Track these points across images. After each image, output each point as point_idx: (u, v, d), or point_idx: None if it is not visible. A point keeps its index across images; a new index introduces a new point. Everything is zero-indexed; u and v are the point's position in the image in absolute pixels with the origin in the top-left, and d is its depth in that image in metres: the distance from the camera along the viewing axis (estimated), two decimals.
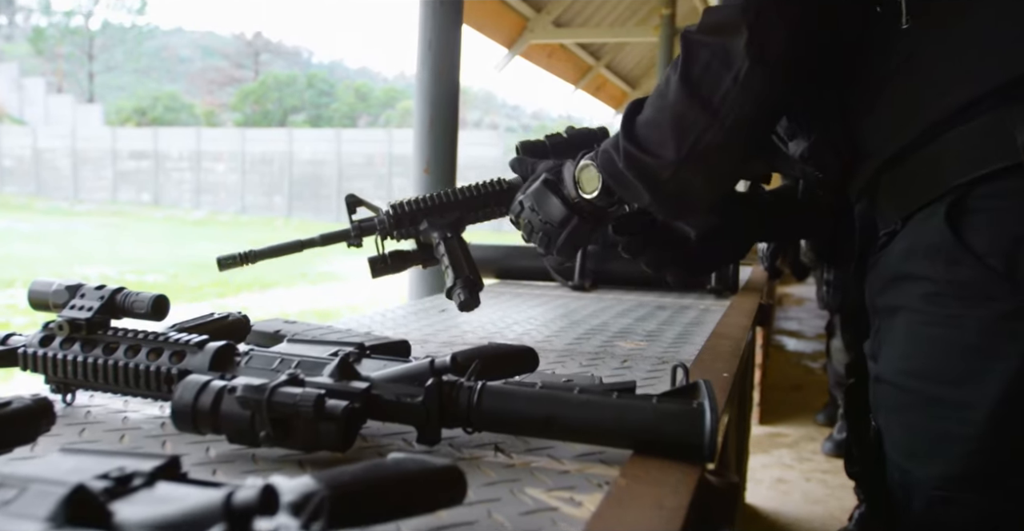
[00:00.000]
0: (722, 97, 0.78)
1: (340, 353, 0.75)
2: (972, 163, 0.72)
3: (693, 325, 1.42)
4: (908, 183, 0.79)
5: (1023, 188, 0.70)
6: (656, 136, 0.84)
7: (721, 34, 0.78)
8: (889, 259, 0.82)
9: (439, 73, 1.95)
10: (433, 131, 1.95)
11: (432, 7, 1.93)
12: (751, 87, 0.77)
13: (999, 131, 0.71)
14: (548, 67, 6.39)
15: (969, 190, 0.72)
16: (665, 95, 0.83)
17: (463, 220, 1.15)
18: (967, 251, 0.71)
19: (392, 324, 1.39)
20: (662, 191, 0.86)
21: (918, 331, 0.76)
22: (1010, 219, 0.70)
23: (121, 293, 0.79)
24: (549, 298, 1.79)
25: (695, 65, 0.80)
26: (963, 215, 0.72)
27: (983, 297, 0.71)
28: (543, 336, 1.28)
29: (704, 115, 0.80)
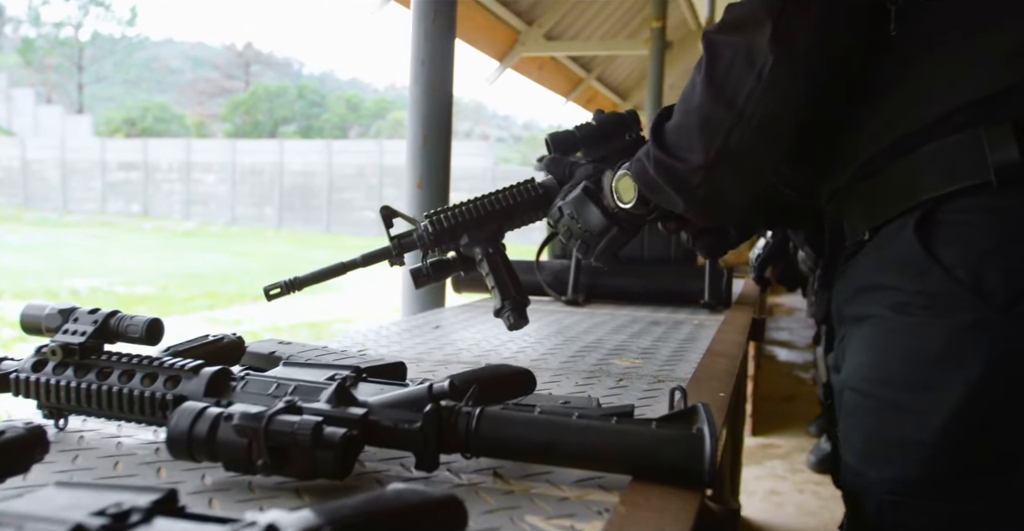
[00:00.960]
0: (747, 95, 0.78)
1: (337, 377, 0.75)
2: (945, 178, 0.74)
3: (688, 341, 1.42)
4: (879, 194, 0.81)
5: (992, 205, 0.71)
6: (684, 141, 0.85)
7: (743, 31, 0.77)
8: (857, 269, 0.83)
9: (432, 89, 1.95)
10: (426, 147, 1.95)
11: (425, 24, 1.94)
12: (776, 84, 0.77)
13: (973, 148, 0.72)
14: (539, 80, 6.41)
15: (939, 204, 0.74)
16: (690, 99, 0.83)
17: (502, 229, 1.15)
18: (936, 263, 0.73)
19: (386, 342, 1.38)
20: (694, 196, 0.87)
21: (883, 339, 0.78)
22: (978, 234, 0.72)
23: (115, 317, 0.79)
24: (543, 313, 1.78)
25: (718, 64, 0.79)
26: (933, 228, 0.74)
27: (949, 308, 0.72)
28: (538, 354, 1.28)
29: (730, 115, 0.79)
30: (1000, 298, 0.69)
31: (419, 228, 1.14)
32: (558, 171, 1.12)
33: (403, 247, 1.14)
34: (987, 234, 0.71)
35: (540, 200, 1.13)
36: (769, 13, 0.75)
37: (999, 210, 0.71)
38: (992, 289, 0.70)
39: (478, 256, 1.13)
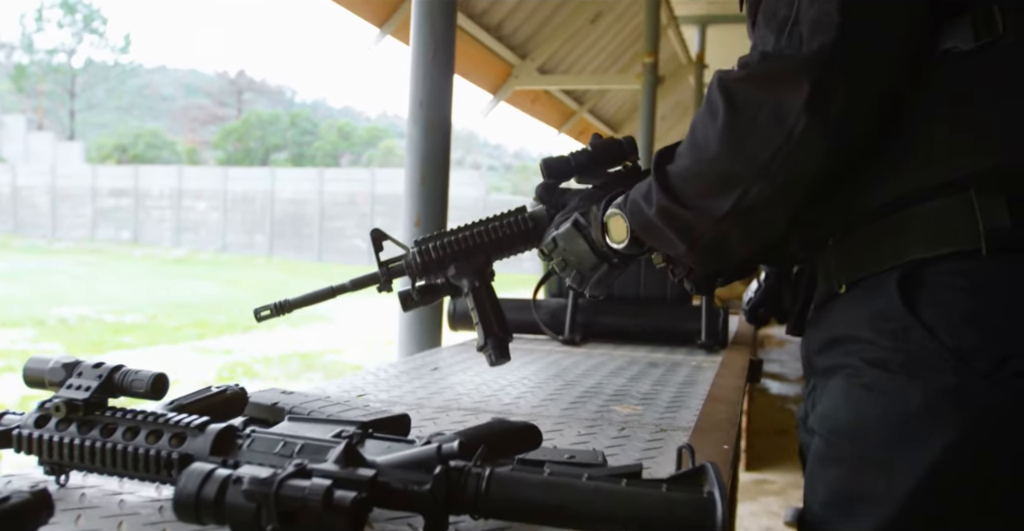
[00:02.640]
0: (772, 154, 0.74)
1: (343, 434, 0.74)
2: (933, 241, 0.73)
3: (687, 385, 1.42)
4: (861, 249, 0.80)
5: (979, 270, 0.71)
6: (694, 190, 0.82)
7: (776, 87, 0.73)
8: (831, 320, 0.83)
9: (430, 129, 1.97)
10: (424, 186, 1.96)
11: (423, 64, 1.96)
12: (808, 145, 0.73)
13: (964, 214, 0.72)
14: (532, 112, 6.48)
15: (925, 265, 0.74)
16: (703, 147, 0.79)
17: (491, 261, 1.14)
18: (919, 323, 0.72)
19: (386, 386, 1.38)
20: (697, 244, 0.84)
21: (858, 392, 0.77)
22: (963, 298, 0.71)
23: (119, 372, 0.78)
24: (540, 354, 1.78)
25: (741, 118, 0.75)
26: (917, 288, 0.74)
27: (929, 369, 0.72)
28: (538, 400, 1.27)
29: (751, 172, 0.76)
30: (983, 364, 0.69)
31: (408, 255, 1.14)
32: (550, 200, 1.10)
33: (391, 274, 1.14)
34: (972, 298, 0.71)
35: (530, 232, 1.12)
36: (809, 73, 0.71)
37: (985, 276, 0.71)
38: (974, 354, 0.70)
39: (465, 288, 1.12)
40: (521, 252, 1.16)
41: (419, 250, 1.12)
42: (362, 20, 3.96)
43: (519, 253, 1.17)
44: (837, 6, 0.71)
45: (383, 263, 1.13)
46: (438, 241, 1.12)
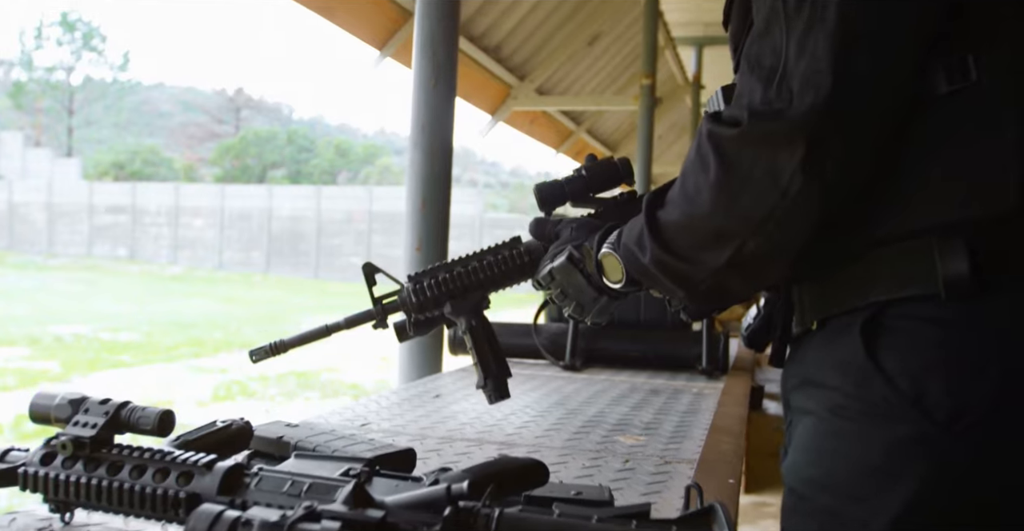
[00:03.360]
0: (768, 213, 0.72)
1: (351, 472, 0.74)
2: (894, 284, 0.72)
3: (689, 414, 1.42)
4: (830, 288, 0.79)
5: (938, 316, 0.70)
6: (688, 242, 0.80)
7: (769, 147, 0.71)
8: (804, 358, 0.82)
9: (432, 154, 1.97)
10: (425, 211, 1.97)
11: (426, 91, 1.97)
12: (804, 205, 0.71)
13: (924, 258, 0.71)
14: (530, 133, 6.51)
15: (886, 308, 0.73)
16: (695, 201, 0.77)
17: (486, 296, 1.13)
18: (879, 370, 0.71)
19: (388, 414, 1.37)
20: (695, 291, 0.83)
21: (823, 442, 0.76)
22: (923, 345, 0.70)
23: (126, 408, 0.78)
24: (542, 380, 1.78)
25: (734, 175, 0.73)
26: (878, 333, 0.73)
27: (889, 418, 0.71)
28: (542, 430, 1.27)
29: (746, 229, 0.74)
30: (942, 414, 0.68)
31: (403, 292, 1.13)
32: (543, 234, 1.09)
33: (386, 311, 1.13)
34: (932, 346, 0.70)
35: (526, 266, 1.11)
36: (802, 134, 0.69)
37: (945, 322, 0.70)
38: (934, 404, 0.69)
39: (462, 326, 1.12)
40: (517, 284, 1.16)
41: (414, 288, 1.10)
42: (362, 42, 3.98)
43: (514, 285, 1.16)
44: (828, 62, 0.68)
45: (377, 300, 1.12)
46: (433, 278, 1.10)
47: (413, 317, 1.12)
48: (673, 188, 0.82)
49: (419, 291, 1.10)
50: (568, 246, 1.01)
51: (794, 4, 0.70)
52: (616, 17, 5.94)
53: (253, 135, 42.93)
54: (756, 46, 0.74)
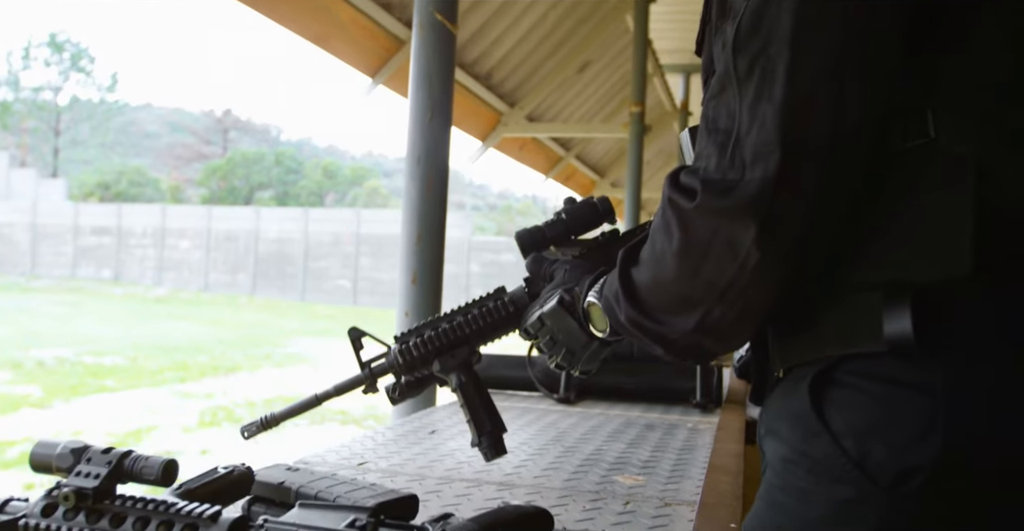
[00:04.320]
0: (729, 284, 0.72)
1: (357, 523, 0.74)
2: (844, 339, 0.71)
3: (686, 451, 1.42)
4: (791, 337, 0.78)
5: (886, 374, 0.68)
6: (659, 304, 0.80)
7: (724, 218, 0.70)
8: (770, 407, 0.82)
9: (427, 187, 1.98)
10: (420, 244, 1.97)
11: (421, 124, 1.99)
12: (764, 276, 0.71)
13: (871, 313, 0.69)
14: (520, 158, 6.55)
15: (839, 363, 0.71)
16: (661, 265, 0.77)
17: (474, 351, 1.13)
18: (824, 427, 0.70)
19: (384, 452, 1.37)
20: (672, 348, 0.82)
21: (775, 494, 0.76)
22: (868, 403, 0.69)
23: (129, 457, 0.77)
24: (537, 414, 1.78)
25: (694, 243, 0.72)
26: (827, 388, 0.72)
27: (833, 478, 0.69)
28: (540, 469, 1.27)
29: (710, 297, 0.74)
30: (886, 477, 0.67)
31: (390, 354, 1.11)
32: (539, 272, 1.08)
33: (375, 375, 1.12)
34: (878, 405, 0.68)
35: (511, 317, 1.10)
36: (755, 211, 0.68)
37: (892, 381, 0.68)
38: (877, 465, 0.67)
39: (452, 383, 1.11)
40: (505, 336, 1.15)
41: (401, 349, 1.09)
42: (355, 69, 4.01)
43: (502, 337, 1.15)
44: (777, 136, 0.66)
45: (365, 364, 1.11)
46: (419, 337, 1.09)
47: (403, 378, 1.12)
48: (645, 247, 0.82)
49: (406, 351, 1.08)
50: (559, 290, 1.00)
51: (744, 69, 0.69)
52: (605, 45, 6.01)
53: (240, 156, 42.91)
54: (713, 105, 0.73)
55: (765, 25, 0.68)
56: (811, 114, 0.67)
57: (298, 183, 43.48)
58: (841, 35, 0.66)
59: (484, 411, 1.08)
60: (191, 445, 6.00)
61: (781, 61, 0.67)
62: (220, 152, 49.13)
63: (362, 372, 1.10)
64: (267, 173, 42.54)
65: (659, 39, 6.67)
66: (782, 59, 0.67)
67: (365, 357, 1.11)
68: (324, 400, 1.10)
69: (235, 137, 53.81)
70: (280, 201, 40.14)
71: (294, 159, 45.80)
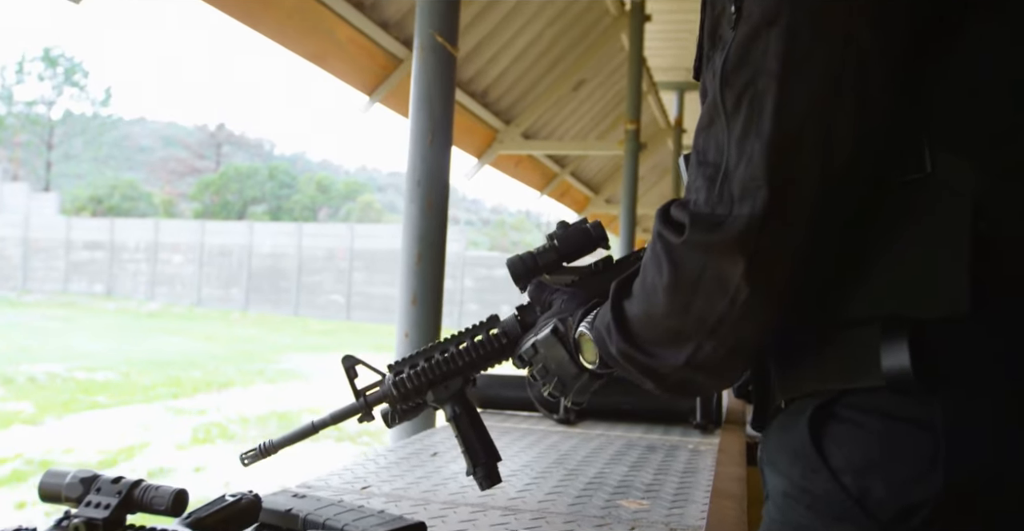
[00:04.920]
0: (719, 319, 0.71)
1: None
2: (843, 373, 0.71)
3: (689, 474, 1.42)
4: (790, 367, 0.77)
5: (886, 409, 0.68)
6: (651, 338, 0.79)
7: (714, 255, 0.69)
8: (770, 438, 0.81)
9: (428, 208, 1.99)
10: (420, 265, 1.98)
11: (422, 145, 2.00)
12: (754, 311, 0.70)
13: (869, 347, 0.69)
14: (515, 175, 6.56)
15: (839, 397, 0.71)
16: (652, 299, 0.77)
17: (468, 380, 1.13)
18: (824, 463, 0.70)
19: (387, 475, 1.37)
20: (663, 383, 0.81)
21: (774, 529, 0.75)
22: (867, 439, 0.68)
23: (139, 487, 0.78)
24: (538, 435, 1.78)
25: (683, 278, 0.72)
26: (826, 422, 0.71)
27: (832, 515, 0.68)
28: (543, 493, 1.27)
29: (700, 332, 0.73)
30: (886, 514, 0.66)
31: (385, 384, 1.11)
32: (540, 299, 1.07)
33: (370, 404, 1.13)
34: (878, 440, 0.68)
35: (504, 348, 1.10)
36: (743, 249, 0.67)
37: (892, 416, 0.67)
38: (877, 503, 0.66)
39: (447, 414, 1.12)
40: (498, 364, 1.15)
41: (395, 381, 1.10)
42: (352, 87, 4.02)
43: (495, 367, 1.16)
44: (764, 173, 0.66)
45: (360, 392, 1.11)
46: (413, 368, 1.10)
47: (398, 406, 1.12)
48: (637, 280, 0.81)
49: (400, 383, 1.09)
50: (554, 319, 0.99)
51: (732, 103, 0.68)
52: (600, 63, 6.05)
53: (234, 170, 42.87)
54: (702, 138, 0.72)
55: (753, 59, 0.67)
56: (799, 151, 0.66)
57: (292, 197, 43.46)
58: (830, 71, 0.65)
59: (478, 442, 1.09)
60: (184, 462, 5.96)
61: (769, 96, 0.66)
62: (213, 166, 49.10)
63: (357, 401, 1.11)
64: (260, 187, 42.51)
65: (653, 56, 6.73)
66: (770, 94, 0.66)
67: (360, 384, 1.12)
68: (320, 428, 1.11)
69: (228, 151, 53.81)
70: (273, 216, 40.11)
71: (288, 173, 45.79)
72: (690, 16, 6.15)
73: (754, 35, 0.67)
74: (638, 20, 5.03)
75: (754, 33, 0.67)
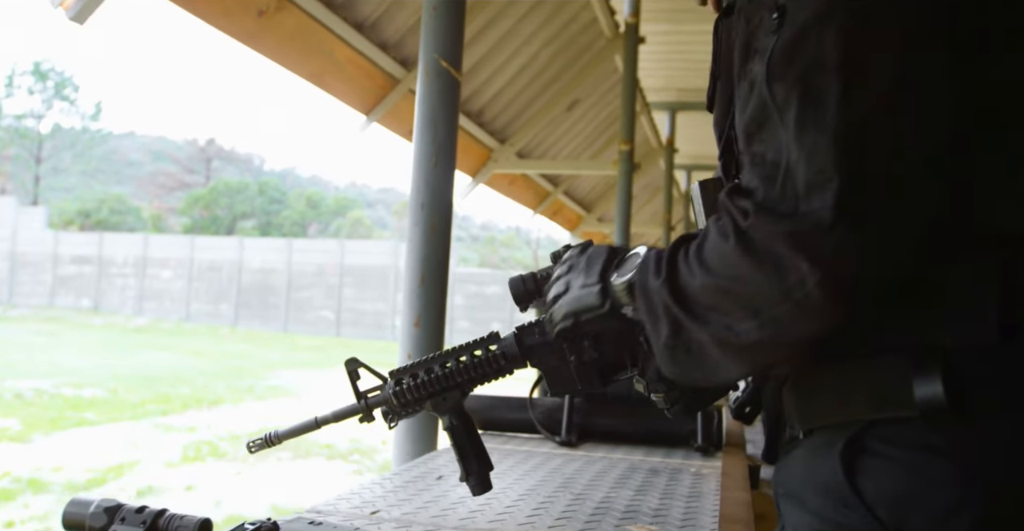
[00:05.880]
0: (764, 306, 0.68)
1: None
2: (873, 403, 0.70)
3: (694, 499, 1.43)
4: (813, 397, 0.76)
5: (919, 441, 0.68)
6: (693, 291, 0.73)
7: (776, 243, 0.66)
8: (791, 468, 0.80)
9: (431, 231, 2.01)
10: (424, 287, 1.99)
11: (426, 169, 2.02)
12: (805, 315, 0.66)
13: (900, 376, 0.68)
14: (509, 193, 6.60)
15: (869, 428, 0.70)
16: (712, 258, 0.72)
17: (466, 394, 1.15)
18: (857, 497, 0.69)
19: (395, 499, 1.37)
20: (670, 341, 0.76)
21: None
22: (901, 472, 0.68)
23: (163, 517, 0.78)
24: (541, 458, 1.78)
25: (748, 257, 0.68)
26: (858, 455, 0.70)
27: None
28: (552, 519, 1.27)
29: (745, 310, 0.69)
30: None
31: (386, 390, 1.14)
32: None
33: (371, 407, 1.15)
34: (912, 473, 0.67)
35: (503, 368, 1.12)
36: (807, 247, 0.64)
37: (926, 447, 0.67)
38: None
39: (443, 423, 1.14)
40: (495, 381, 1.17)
41: (395, 390, 1.12)
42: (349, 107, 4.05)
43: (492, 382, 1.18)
44: (833, 162, 0.63)
45: (361, 394, 1.13)
46: (413, 378, 1.12)
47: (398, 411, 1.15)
48: (696, 241, 0.75)
49: (399, 394, 1.12)
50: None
51: (783, 96, 0.67)
52: (594, 84, 6.11)
53: (224, 185, 42.80)
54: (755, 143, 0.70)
55: (805, 53, 0.66)
56: (868, 143, 0.64)
57: (281, 213, 43.40)
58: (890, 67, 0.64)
59: (472, 452, 1.13)
60: (175, 481, 5.90)
61: (831, 90, 0.64)
62: (203, 181, 49.01)
63: (358, 403, 1.14)
64: (250, 203, 42.44)
65: (645, 77, 6.80)
66: (831, 88, 0.64)
67: (362, 386, 1.14)
68: (323, 425, 1.14)
69: (218, 166, 53.72)
70: (263, 231, 40.03)
71: (277, 189, 45.75)
72: (682, 37, 6.22)
73: (803, 34, 0.66)
74: (632, 42, 5.09)
75: (802, 32, 0.66)
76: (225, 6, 2.87)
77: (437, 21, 2.01)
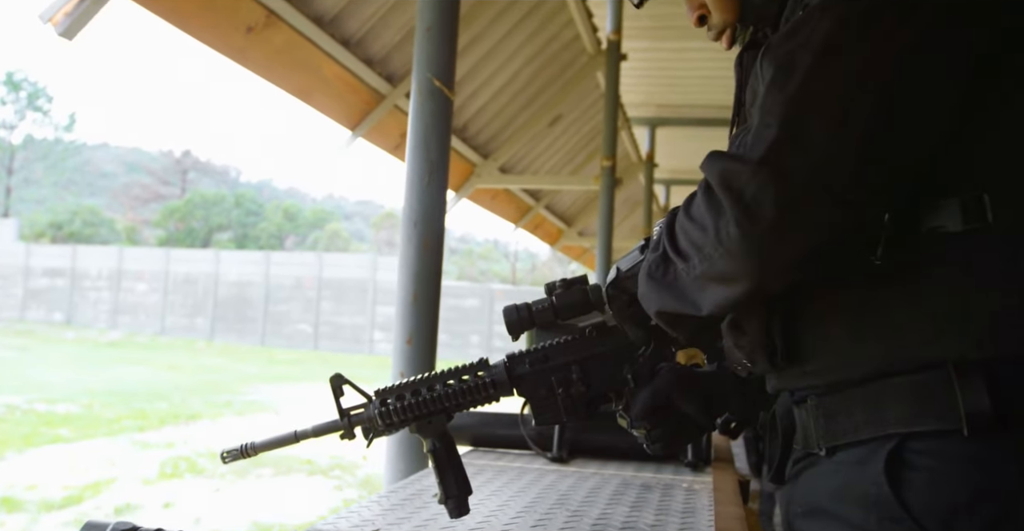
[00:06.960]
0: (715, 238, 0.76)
1: None
2: (913, 416, 0.71)
3: (688, 514, 1.46)
4: (842, 415, 0.77)
5: (963, 453, 0.69)
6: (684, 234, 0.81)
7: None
8: (814, 485, 0.81)
9: (424, 248, 2.02)
10: (416, 304, 2.00)
11: (418, 187, 2.03)
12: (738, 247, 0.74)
13: (944, 390, 0.70)
14: (491, 208, 6.63)
15: (907, 440, 0.72)
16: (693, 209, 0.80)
17: (451, 419, 1.16)
18: (904, 510, 0.70)
19: (394, 517, 1.38)
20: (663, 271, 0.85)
21: None
22: (949, 484, 0.69)
23: None
24: (535, 475, 1.80)
25: (705, 199, 0.77)
26: (901, 469, 0.71)
27: None
28: None
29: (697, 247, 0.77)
30: None
31: (370, 409, 1.14)
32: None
33: (352, 424, 1.15)
34: (959, 485, 0.69)
35: (491, 396, 1.14)
36: (732, 187, 0.72)
37: (971, 459, 0.69)
38: None
39: (426, 446, 1.15)
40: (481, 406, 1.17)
41: (380, 411, 1.12)
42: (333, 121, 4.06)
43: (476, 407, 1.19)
44: (778, 117, 0.71)
45: (344, 412, 1.13)
46: (399, 401, 1.12)
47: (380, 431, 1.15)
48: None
49: (385, 414, 1.12)
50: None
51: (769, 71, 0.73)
52: (576, 100, 6.18)
53: (200, 197, 42.44)
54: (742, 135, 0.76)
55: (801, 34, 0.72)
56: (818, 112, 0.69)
57: (258, 225, 43.10)
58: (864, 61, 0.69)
59: (453, 476, 1.14)
60: (152, 498, 5.83)
61: (802, 64, 0.71)
62: (178, 193, 48.58)
63: (341, 420, 1.14)
64: (226, 215, 42.11)
65: (626, 92, 6.87)
66: (803, 63, 0.71)
67: (346, 403, 1.14)
68: (302, 438, 1.14)
69: (194, 178, 53.28)
70: (239, 243, 39.72)
71: (254, 201, 45.44)
72: (663, 55, 6.31)
73: (807, 17, 0.72)
74: (614, 59, 5.15)
75: (808, 16, 0.72)
76: (214, 22, 2.88)
77: (431, 42, 2.03)
